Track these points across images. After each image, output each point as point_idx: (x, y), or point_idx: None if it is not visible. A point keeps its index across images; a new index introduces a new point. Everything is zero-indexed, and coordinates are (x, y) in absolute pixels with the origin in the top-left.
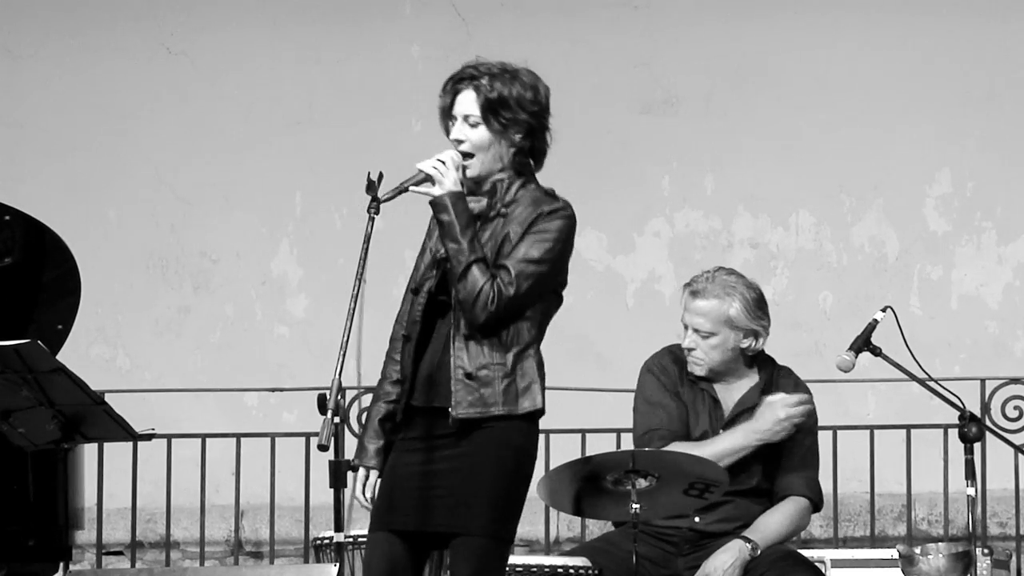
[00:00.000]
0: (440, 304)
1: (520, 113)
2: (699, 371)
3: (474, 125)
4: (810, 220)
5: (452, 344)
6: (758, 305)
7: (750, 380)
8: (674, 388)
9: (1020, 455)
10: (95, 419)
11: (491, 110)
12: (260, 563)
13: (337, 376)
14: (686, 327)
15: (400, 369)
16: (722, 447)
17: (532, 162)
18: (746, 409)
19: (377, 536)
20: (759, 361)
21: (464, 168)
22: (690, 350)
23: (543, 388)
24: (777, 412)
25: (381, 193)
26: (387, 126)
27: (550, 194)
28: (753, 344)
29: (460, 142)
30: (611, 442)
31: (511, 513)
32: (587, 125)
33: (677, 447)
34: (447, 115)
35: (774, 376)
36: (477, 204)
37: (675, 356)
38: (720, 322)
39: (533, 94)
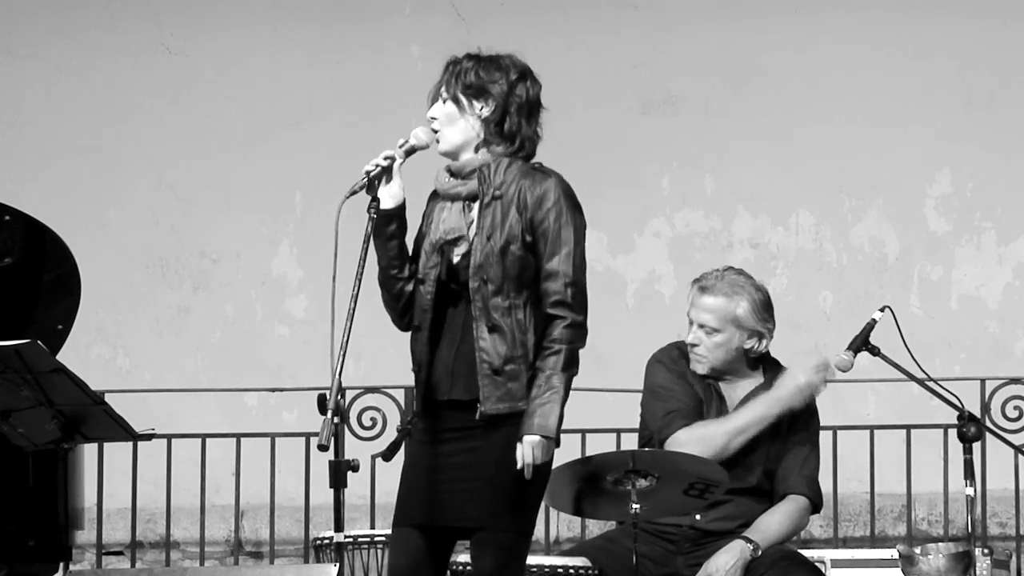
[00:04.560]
0: (450, 292)
1: (486, 85)
2: (701, 368)
3: (444, 101)
4: (810, 220)
5: (476, 338)
6: (765, 307)
7: (755, 380)
8: (683, 377)
9: (1020, 455)
10: (95, 419)
11: (457, 84)
12: (260, 563)
13: (337, 376)
14: (691, 322)
15: (413, 358)
16: (747, 417)
17: (513, 144)
18: None
19: (399, 531)
20: (764, 362)
21: (437, 142)
22: (693, 346)
23: None
24: (799, 378)
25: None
26: (387, 126)
27: (537, 168)
28: (756, 346)
29: (434, 119)
30: (611, 442)
31: (530, 507)
32: (587, 125)
33: (700, 425)
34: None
35: (777, 378)
36: (465, 187)
37: (682, 351)
38: (726, 320)
39: (503, 73)
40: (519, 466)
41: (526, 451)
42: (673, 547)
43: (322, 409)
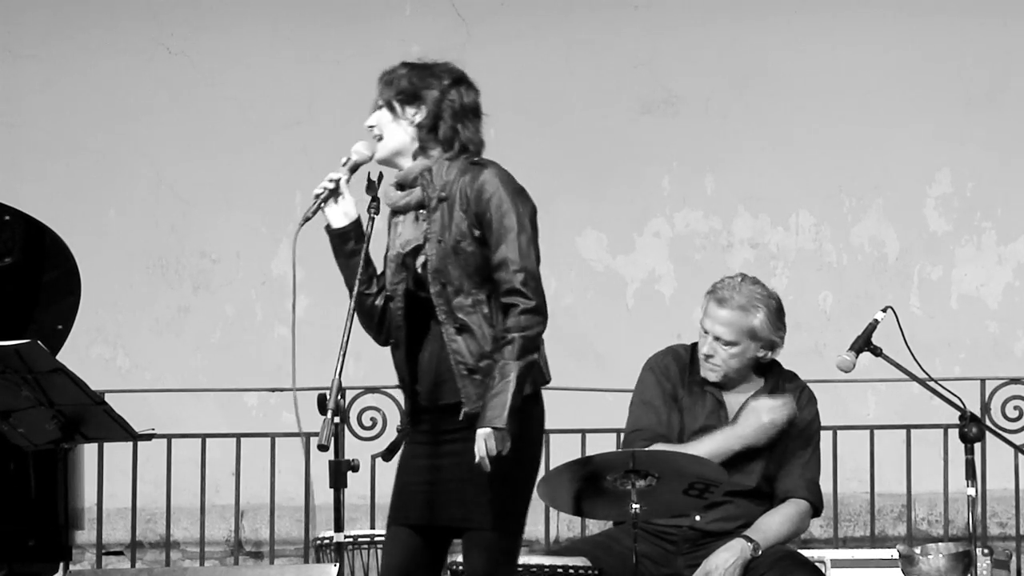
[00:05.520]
0: (422, 303)
1: (419, 91)
2: (713, 377)
3: (380, 108)
4: (810, 220)
5: (447, 341)
6: (779, 317)
7: (755, 384)
8: (673, 391)
9: (1020, 455)
10: (95, 419)
11: (390, 91)
12: (260, 563)
13: (337, 376)
14: (706, 332)
15: (397, 373)
16: (706, 449)
17: (452, 148)
18: None
19: (394, 530)
20: (767, 367)
21: (376, 150)
22: (708, 356)
23: (544, 357)
24: (761, 416)
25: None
26: None
27: (475, 162)
28: (769, 354)
29: (371, 128)
30: (611, 442)
31: (518, 504)
32: (587, 125)
33: (659, 448)
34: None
35: (779, 381)
36: (412, 197)
37: (679, 356)
38: (742, 333)
39: (436, 79)
40: (476, 459)
41: (479, 445)
42: (673, 547)
43: (322, 409)
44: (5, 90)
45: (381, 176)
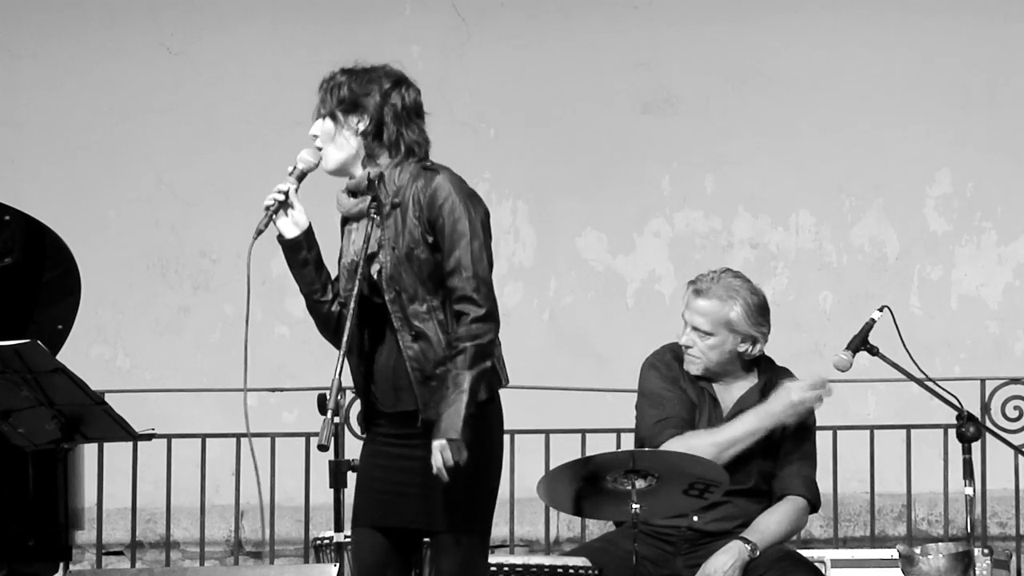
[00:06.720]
0: (377, 309)
1: (359, 99)
2: (695, 369)
3: (323, 118)
4: (810, 220)
5: (403, 348)
6: (759, 312)
7: (749, 381)
8: (677, 382)
9: (1020, 455)
10: (95, 419)
11: (332, 100)
12: (260, 563)
13: (337, 376)
14: (686, 323)
15: (353, 380)
16: (737, 430)
17: (398, 152)
18: (744, 409)
19: (362, 531)
20: (759, 362)
21: (321, 160)
22: (687, 347)
23: (502, 360)
24: (792, 395)
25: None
26: None
27: (427, 167)
28: (750, 349)
29: (316, 136)
30: (611, 442)
31: (484, 506)
32: (587, 125)
33: (691, 436)
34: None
35: (773, 378)
36: (366, 204)
37: (676, 353)
38: (719, 324)
39: (376, 85)
40: (434, 471)
41: (435, 456)
42: (672, 548)
43: (322, 409)
44: (5, 90)
45: (381, 176)
